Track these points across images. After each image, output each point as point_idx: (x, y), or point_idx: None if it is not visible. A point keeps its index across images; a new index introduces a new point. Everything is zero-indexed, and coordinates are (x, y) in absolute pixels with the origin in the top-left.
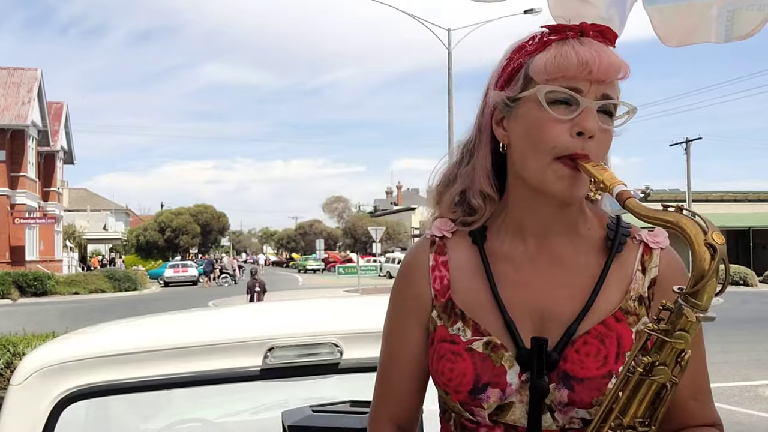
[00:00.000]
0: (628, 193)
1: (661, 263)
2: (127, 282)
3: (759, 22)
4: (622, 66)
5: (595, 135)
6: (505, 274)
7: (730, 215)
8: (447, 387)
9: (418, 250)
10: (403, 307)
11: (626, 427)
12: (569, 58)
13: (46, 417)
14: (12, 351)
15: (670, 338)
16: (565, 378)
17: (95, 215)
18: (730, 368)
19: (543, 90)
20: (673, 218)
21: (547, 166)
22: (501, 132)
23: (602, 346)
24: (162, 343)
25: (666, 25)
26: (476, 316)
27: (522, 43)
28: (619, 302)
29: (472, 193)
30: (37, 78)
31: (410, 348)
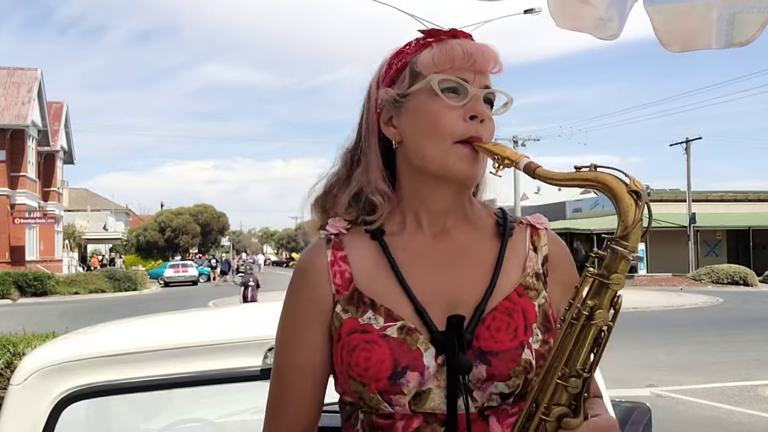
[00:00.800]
0: (535, 164)
1: (549, 242)
2: (127, 282)
3: (759, 26)
4: (499, 58)
5: (485, 120)
6: (408, 263)
7: (730, 215)
8: (364, 377)
9: (314, 249)
10: (300, 310)
11: (571, 376)
12: (455, 50)
13: (46, 417)
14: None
15: (607, 281)
16: (481, 354)
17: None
18: (730, 368)
19: (435, 78)
20: (592, 176)
21: (447, 149)
22: (392, 130)
23: (511, 320)
24: (162, 343)
25: (666, 27)
26: (386, 302)
27: (400, 49)
28: (518, 279)
29: (370, 192)
30: (37, 78)
31: (309, 353)
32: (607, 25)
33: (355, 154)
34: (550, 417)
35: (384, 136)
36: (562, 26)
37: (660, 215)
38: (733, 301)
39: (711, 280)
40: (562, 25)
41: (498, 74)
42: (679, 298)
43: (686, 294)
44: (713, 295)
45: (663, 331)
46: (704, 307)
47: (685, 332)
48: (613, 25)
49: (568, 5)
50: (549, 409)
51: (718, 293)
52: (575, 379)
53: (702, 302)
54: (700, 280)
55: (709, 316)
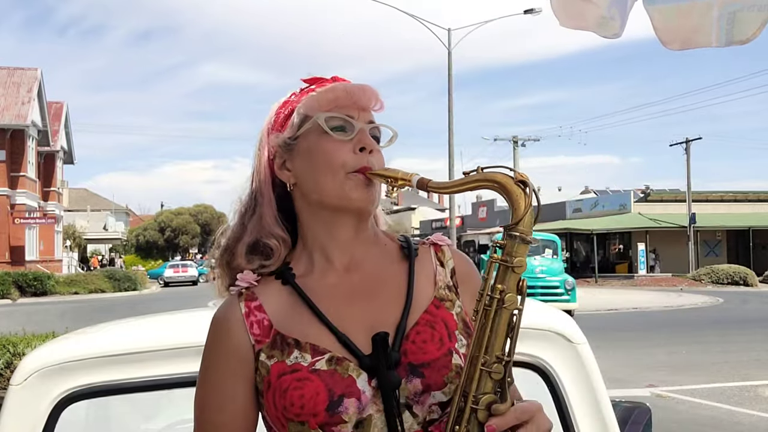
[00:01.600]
0: (426, 179)
1: (453, 256)
2: (127, 282)
3: (760, 24)
4: (379, 96)
5: (373, 151)
6: (324, 300)
7: (730, 215)
8: (301, 415)
9: (227, 304)
10: (219, 364)
11: (493, 362)
12: (337, 89)
13: (46, 417)
14: (12, 351)
15: (511, 264)
16: (412, 368)
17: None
18: (730, 368)
19: (322, 116)
20: (480, 176)
21: (342, 181)
22: (286, 173)
23: (434, 331)
24: (162, 343)
25: (667, 26)
26: (310, 339)
27: (286, 99)
28: (432, 293)
29: (265, 237)
30: (37, 78)
31: (231, 408)
32: (609, 24)
33: (248, 205)
34: (479, 406)
35: (278, 182)
36: (566, 25)
37: (660, 215)
38: (733, 301)
39: (711, 281)
40: (566, 24)
41: (380, 111)
42: (679, 298)
43: (686, 294)
44: (713, 296)
45: (663, 331)
46: (704, 307)
47: (685, 332)
48: (615, 24)
49: (570, 4)
50: (477, 399)
51: (718, 293)
52: (497, 365)
53: (702, 302)
54: (700, 281)
55: (709, 317)
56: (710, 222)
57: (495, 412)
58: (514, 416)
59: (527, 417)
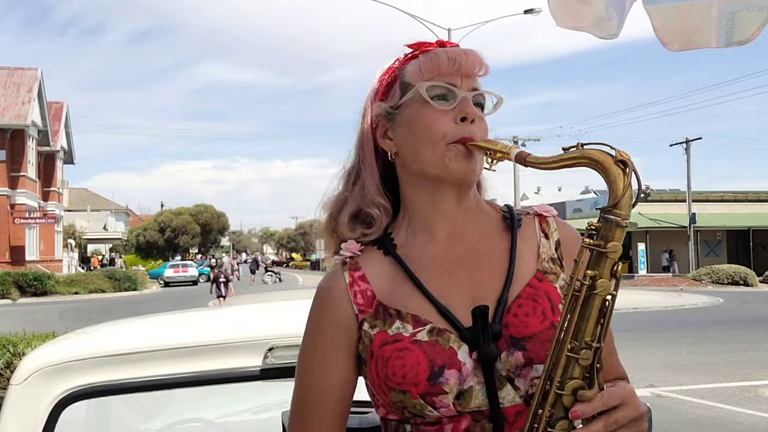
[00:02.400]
0: (525, 152)
1: (558, 227)
2: (127, 282)
3: (759, 24)
4: (484, 62)
5: (476, 120)
6: (425, 270)
7: (730, 215)
8: (403, 385)
9: (331, 273)
10: (323, 334)
11: (581, 348)
12: (440, 57)
13: (46, 417)
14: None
15: (605, 249)
16: (514, 341)
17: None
18: (730, 368)
19: (424, 86)
20: (578, 153)
21: (442, 152)
22: (388, 143)
23: (536, 304)
24: (162, 343)
25: (666, 27)
26: (412, 310)
27: (389, 66)
28: (535, 266)
29: (367, 206)
30: (37, 78)
31: (333, 377)
32: (606, 24)
33: (352, 173)
34: (565, 391)
35: (381, 150)
36: (563, 25)
37: (660, 215)
38: (733, 301)
39: (711, 281)
40: (563, 25)
41: (485, 76)
42: (679, 298)
43: (686, 294)
44: (713, 296)
45: (663, 331)
46: (704, 307)
47: (685, 332)
48: (612, 24)
49: (568, 4)
50: (563, 384)
51: (718, 293)
52: (586, 351)
53: (702, 302)
54: (700, 281)
55: (709, 317)
56: (710, 222)
57: (581, 398)
58: (601, 402)
59: (616, 402)
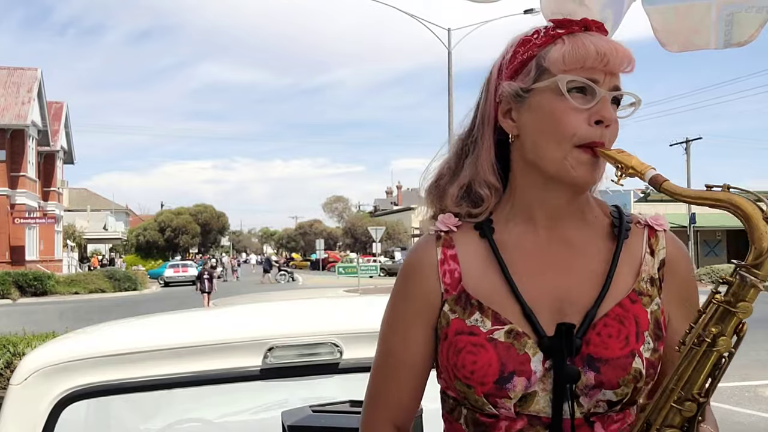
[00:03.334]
0: (662, 177)
1: (667, 245)
2: (127, 282)
3: (758, 25)
4: (633, 58)
5: (611, 124)
6: (518, 264)
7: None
8: (470, 380)
9: (424, 245)
10: (408, 305)
11: (687, 399)
12: (588, 49)
13: (46, 417)
14: (12, 351)
15: (734, 308)
16: (590, 361)
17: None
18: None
19: (564, 79)
20: (724, 197)
21: (567, 153)
22: (509, 123)
23: (622, 327)
24: (162, 343)
25: (666, 28)
26: (494, 305)
27: (527, 37)
28: (632, 284)
29: (477, 184)
30: (37, 78)
31: (414, 348)
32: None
33: (467, 143)
34: None
35: (499, 127)
36: None
37: None
38: None
39: (711, 281)
40: None
41: (630, 73)
42: None
43: None
44: None
45: None
46: None
47: None
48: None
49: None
50: (661, 431)
51: None
52: (690, 403)
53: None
54: (700, 281)
55: None
56: (710, 222)
57: None
58: None
59: None
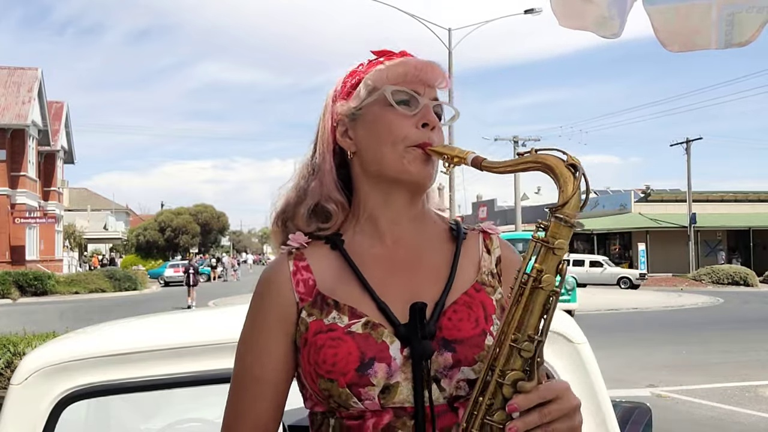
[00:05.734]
0: (481, 157)
1: (501, 245)
2: (127, 282)
3: (759, 26)
4: (446, 74)
5: (435, 127)
6: (369, 268)
7: (730, 215)
8: (332, 373)
9: (276, 263)
10: (262, 320)
11: (525, 340)
12: (407, 65)
13: (46, 417)
14: (12, 351)
15: (552, 246)
16: (445, 343)
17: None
18: (730, 368)
19: (389, 89)
20: (532, 158)
21: (402, 154)
22: (347, 142)
23: (471, 311)
24: (162, 343)
25: (666, 28)
26: (350, 301)
27: (353, 70)
28: (474, 276)
29: (324, 200)
30: (37, 77)
31: (271, 364)
32: (609, 24)
33: (310, 167)
34: (506, 381)
35: (338, 148)
36: (565, 25)
37: (660, 215)
38: (733, 301)
39: (711, 281)
40: (565, 24)
41: (444, 89)
42: (680, 298)
43: (686, 294)
44: (713, 296)
45: (663, 331)
46: (704, 307)
47: (685, 332)
48: (614, 24)
49: (570, 3)
50: (504, 374)
51: (719, 293)
52: (528, 343)
53: (702, 302)
54: (701, 281)
55: (709, 317)
56: (710, 222)
57: (520, 389)
58: (538, 395)
59: (552, 396)
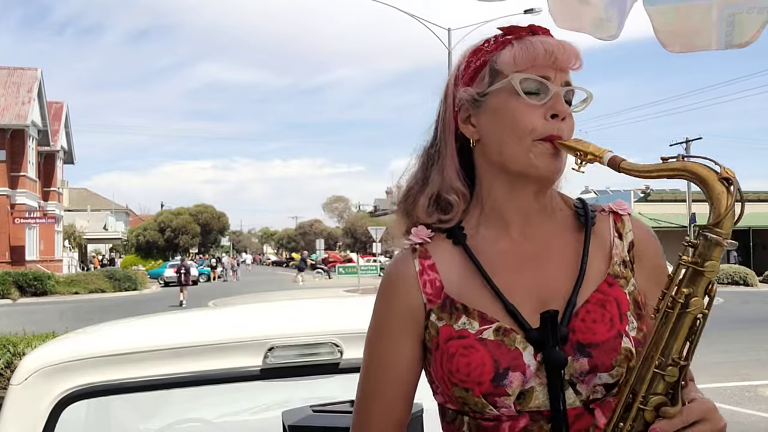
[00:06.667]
0: (619, 158)
1: (633, 227)
2: (127, 282)
3: (759, 26)
4: (579, 54)
5: (566, 117)
6: (494, 264)
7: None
8: (466, 382)
9: (401, 259)
10: (392, 320)
11: (668, 365)
12: (537, 48)
13: (46, 417)
14: (12, 351)
15: (702, 268)
16: (580, 347)
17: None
18: (730, 368)
19: (517, 78)
20: (679, 165)
21: (529, 147)
22: (470, 129)
23: (605, 311)
24: (162, 343)
25: (667, 29)
26: (479, 306)
27: (478, 47)
28: (606, 269)
29: (445, 191)
30: (37, 78)
31: (402, 360)
32: (606, 25)
33: (431, 154)
34: (648, 406)
35: (461, 135)
36: (562, 26)
37: (660, 215)
38: (733, 301)
39: None
40: (562, 25)
41: (578, 70)
42: None
43: None
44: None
45: None
46: None
47: None
48: (612, 25)
49: (567, 5)
50: (647, 399)
51: (719, 293)
52: (672, 368)
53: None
54: None
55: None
56: None
57: (663, 414)
58: (681, 420)
59: (695, 418)
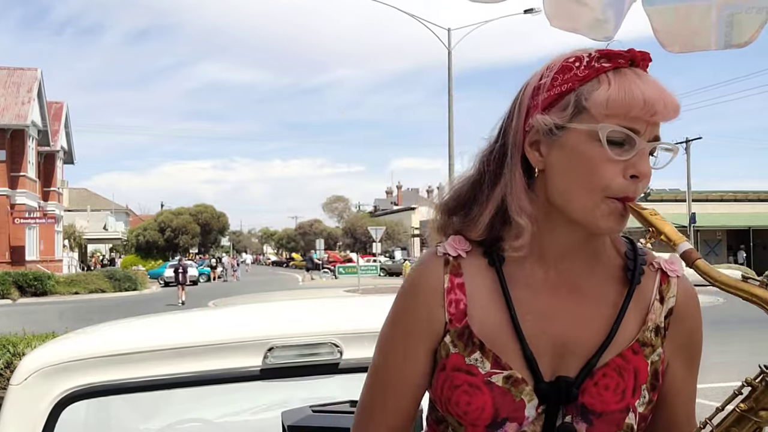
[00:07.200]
0: (696, 254)
1: (678, 293)
2: (127, 282)
3: (758, 26)
4: (679, 108)
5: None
6: (524, 302)
7: (730, 215)
8: (462, 419)
9: (432, 268)
10: (411, 326)
11: None
12: (635, 98)
13: (46, 417)
14: (12, 351)
15: (754, 416)
16: (584, 412)
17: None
18: (730, 368)
19: (606, 129)
20: (763, 294)
21: (597, 203)
22: (536, 156)
23: (621, 380)
24: (162, 343)
25: (666, 29)
26: (495, 347)
27: (567, 64)
28: (636, 334)
29: (513, 212)
30: (37, 78)
31: (415, 366)
32: (602, 26)
33: (490, 161)
34: None
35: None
36: (556, 26)
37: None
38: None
39: None
40: (557, 25)
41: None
42: None
43: None
44: (713, 295)
45: None
46: (704, 307)
47: None
48: (608, 27)
49: (563, 5)
50: None
51: (719, 293)
52: None
53: (702, 302)
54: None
55: (709, 316)
56: (710, 222)
57: None
58: None
59: None
